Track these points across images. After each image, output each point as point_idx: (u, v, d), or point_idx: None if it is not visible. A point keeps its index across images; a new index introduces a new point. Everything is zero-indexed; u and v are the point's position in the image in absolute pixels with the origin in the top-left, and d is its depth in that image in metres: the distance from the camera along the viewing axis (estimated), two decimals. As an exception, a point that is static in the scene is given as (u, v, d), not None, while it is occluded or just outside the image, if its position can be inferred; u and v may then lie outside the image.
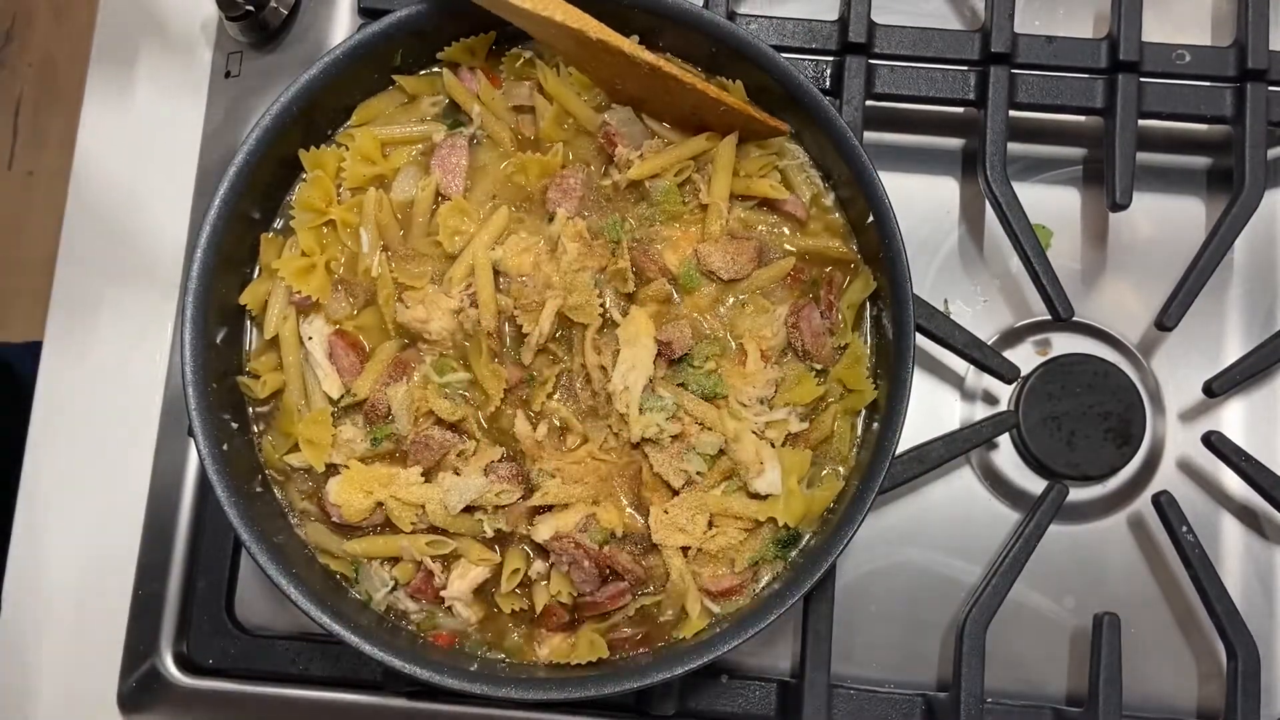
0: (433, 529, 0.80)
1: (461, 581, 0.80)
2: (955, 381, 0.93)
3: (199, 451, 0.76)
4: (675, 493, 0.80)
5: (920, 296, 0.86)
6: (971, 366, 0.91)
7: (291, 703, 0.89)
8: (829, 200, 0.85)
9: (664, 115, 0.85)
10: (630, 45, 0.80)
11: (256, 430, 0.83)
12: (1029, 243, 0.88)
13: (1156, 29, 0.93)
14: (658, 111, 0.85)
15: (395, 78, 0.85)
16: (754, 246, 0.83)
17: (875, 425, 0.81)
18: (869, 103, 0.91)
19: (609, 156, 0.84)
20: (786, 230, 0.85)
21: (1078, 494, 0.90)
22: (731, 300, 0.83)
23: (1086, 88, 0.92)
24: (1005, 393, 0.92)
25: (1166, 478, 0.91)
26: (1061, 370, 0.90)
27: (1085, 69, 0.92)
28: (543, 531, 0.79)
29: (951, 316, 0.88)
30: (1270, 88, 0.91)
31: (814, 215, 0.85)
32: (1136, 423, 0.89)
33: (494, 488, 0.80)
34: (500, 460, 0.81)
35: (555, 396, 0.82)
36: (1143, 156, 0.91)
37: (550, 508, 0.80)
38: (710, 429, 0.80)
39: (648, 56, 0.79)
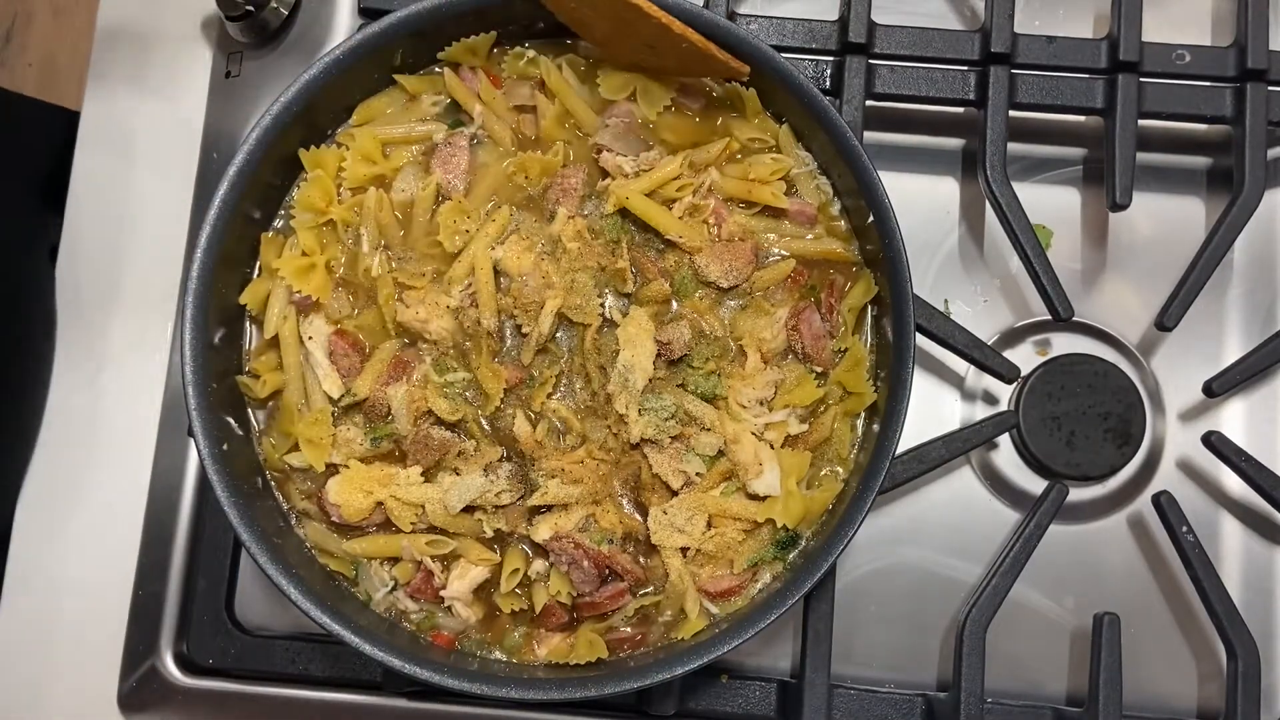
0: (432, 529, 0.80)
1: (461, 581, 0.80)
2: (955, 381, 0.93)
3: (199, 451, 0.76)
4: (674, 493, 0.80)
5: (920, 297, 0.86)
6: (971, 366, 0.91)
7: (291, 703, 0.89)
8: (835, 209, 0.85)
9: (625, 54, 0.83)
10: None
11: (256, 430, 0.83)
12: (1029, 243, 0.88)
13: (1156, 29, 0.93)
14: (621, 54, 0.83)
15: (396, 77, 0.86)
16: (750, 248, 0.83)
17: (875, 426, 0.81)
18: (869, 103, 0.91)
19: (602, 172, 0.84)
20: (789, 227, 0.85)
21: (1078, 494, 0.90)
22: (732, 302, 0.84)
23: (1086, 88, 0.92)
24: (1005, 393, 0.92)
25: (1166, 478, 0.91)
26: (1061, 370, 0.90)
27: (1085, 69, 0.92)
28: (542, 531, 0.79)
29: (951, 316, 0.88)
30: (1270, 88, 0.91)
31: (818, 220, 0.85)
32: (1136, 423, 0.89)
33: (494, 488, 0.80)
34: (500, 460, 0.81)
35: (555, 396, 0.82)
36: (1143, 156, 0.91)
37: (550, 508, 0.80)
38: (709, 430, 0.80)
39: None
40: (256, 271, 0.84)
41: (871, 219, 0.79)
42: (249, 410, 0.83)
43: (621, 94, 0.84)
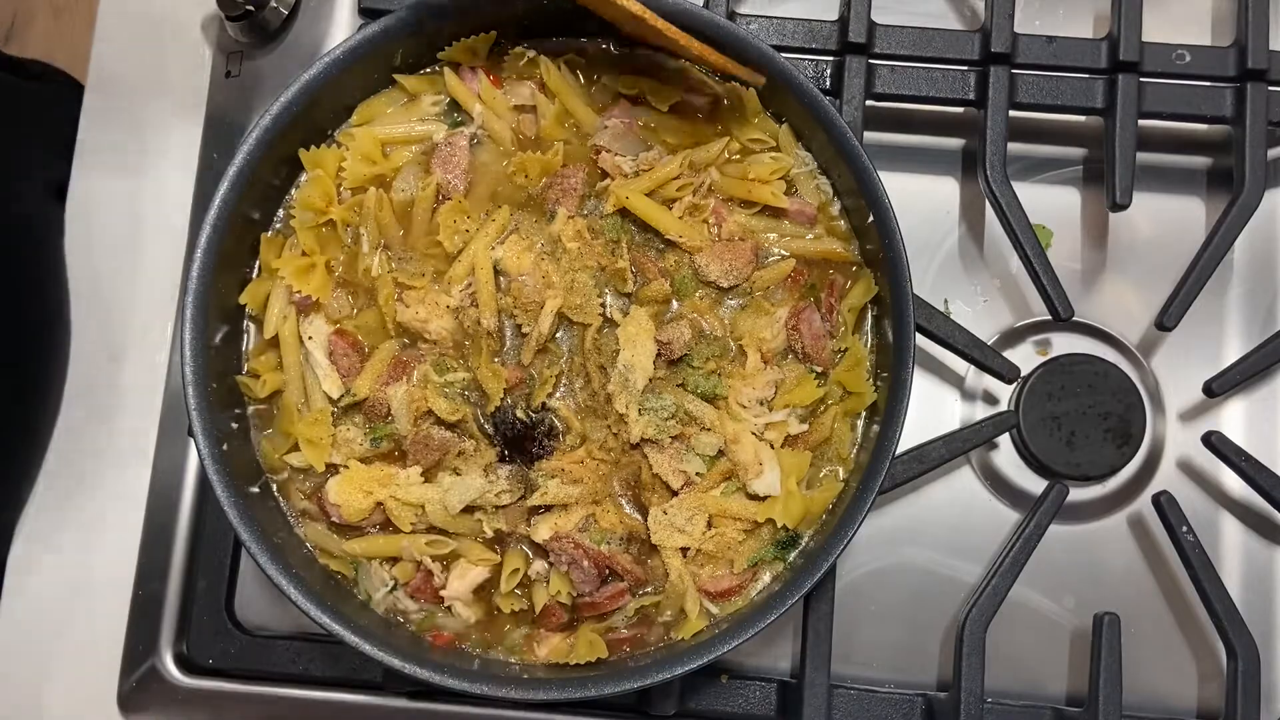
0: (432, 529, 0.80)
1: (461, 581, 0.80)
2: (955, 381, 0.93)
3: (199, 451, 0.76)
4: (674, 493, 0.80)
5: (920, 297, 0.86)
6: (971, 366, 0.91)
7: (291, 703, 0.89)
8: (835, 209, 0.85)
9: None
10: None
11: (256, 430, 0.83)
12: (1029, 243, 0.88)
13: (1156, 29, 0.93)
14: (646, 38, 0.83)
15: (396, 77, 0.86)
16: (750, 248, 0.83)
17: (875, 426, 0.81)
18: (869, 103, 0.91)
19: (601, 173, 0.84)
20: (789, 227, 0.85)
21: (1078, 494, 0.90)
22: (732, 302, 0.84)
23: (1086, 88, 0.92)
24: (1005, 393, 0.92)
25: (1166, 478, 0.91)
26: (1061, 370, 0.90)
27: (1085, 69, 0.92)
28: (542, 531, 0.79)
29: (951, 316, 0.88)
30: (1270, 88, 0.91)
31: (818, 220, 0.85)
32: (1136, 423, 0.89)
33: (494, 488, 0.80)
34: (500, 460, 0.81)
35: (555, 396, 0.82)
36: (1143, 156, 0.91)
37: (550, 508, 0.80)
38: (710, 430, 0.80)
39: (633, 7, 0.76)
40: (256, 271, 0.84)
41: (871, 219, 0.80)
42: (249, 410, 0.83)
43: (630, 90, 0.84)
